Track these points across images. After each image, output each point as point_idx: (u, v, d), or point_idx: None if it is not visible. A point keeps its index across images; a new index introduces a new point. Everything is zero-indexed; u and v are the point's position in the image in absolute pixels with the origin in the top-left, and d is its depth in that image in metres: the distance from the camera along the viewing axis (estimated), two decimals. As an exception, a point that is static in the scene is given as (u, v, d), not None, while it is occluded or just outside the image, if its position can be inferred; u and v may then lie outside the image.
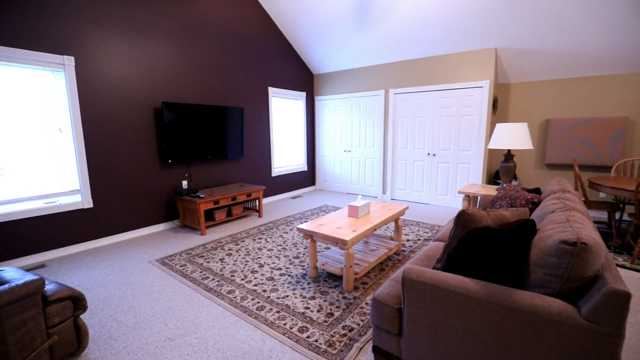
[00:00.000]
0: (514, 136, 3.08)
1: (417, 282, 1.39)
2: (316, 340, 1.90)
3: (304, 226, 2.62)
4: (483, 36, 4.29)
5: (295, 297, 2.39)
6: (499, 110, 5.21)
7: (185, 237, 3.82)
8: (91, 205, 3.47)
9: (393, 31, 4.73)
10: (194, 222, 3.96)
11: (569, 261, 1.13)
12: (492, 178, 5.33)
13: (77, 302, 1.76)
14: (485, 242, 1.33)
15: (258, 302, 2.33)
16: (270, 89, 5.51)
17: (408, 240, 3.61)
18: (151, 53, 3.84)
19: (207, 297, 2.43)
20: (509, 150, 3.28)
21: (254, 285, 2.59)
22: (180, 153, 4.05)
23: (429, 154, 5.21)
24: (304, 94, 6.25)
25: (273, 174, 5.73)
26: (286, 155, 6.12)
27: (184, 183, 4.33)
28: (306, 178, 6.59)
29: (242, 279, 2.69)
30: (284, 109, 5.97)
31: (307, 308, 2.24)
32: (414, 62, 5.13)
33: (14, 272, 1.80)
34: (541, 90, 4.80)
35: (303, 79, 6.23)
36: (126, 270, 2.92)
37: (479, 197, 3.16)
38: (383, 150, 5.69)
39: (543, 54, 4.29)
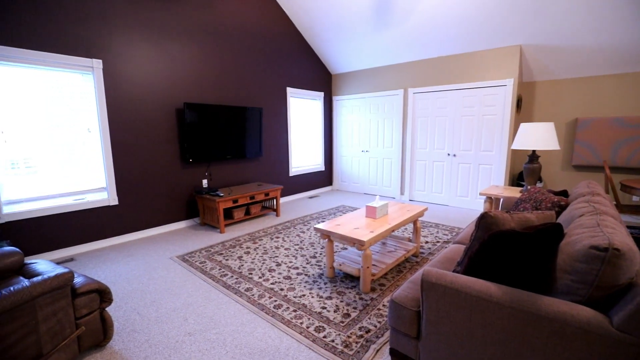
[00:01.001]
0: (540, 136, 2.96)
1: (437, 285, 1.37)
2: (332, 341, 1.90)
3: (321, 226, 2.62)
4: (507, 33, 4.16)
5: (312, 297, 2.40)
6: (523, 109, 5.03)
7: (205, 234, 3.90)
8: (116, 203, 3.60)
9: (413, 29, 4.66)
10: (214, 220, 4.05)
11: (600, 268, 1.07)
12: (516, 180, 5.16)
13: (103, 295, 1.83)
14: (509, 246, 1.28)
15: (275, 301, 2.35)
16: (289, 89, 5.55)
17: (427, 242, 3.55)
18: (174, 55, 3.95)
19: (225, 294, 2.48)
20: (533, 151, 3.17)
21: (271, 283, 2.62)
22: (200, 152, 4.14)
23: (449, 154, 5.10)
24: (322, 94, 6.26)
25: (290, 174, 5.77)
26: (304, 155, 6.14)
27: (204, 182, 4.43)
28: (323, 178, 6.60)
29: (260, 277, 2.73)
30: (302, 109, 6.00)
31: (324, 308, 2.25)
32: (434, 60, 5.04)
33: (46, 265, 1.90)
34: (568, 89, 4.61)
35: (321, 79, 6.24)
36: (149, 266, 3.02)
37: (502, 200, 3.07)
38: (401, 151, 5.62)
39: (571, 51, 4.11)
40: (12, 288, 1.44)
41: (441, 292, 1.36)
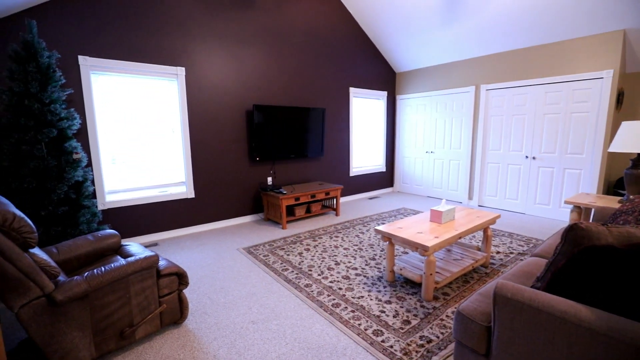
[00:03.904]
0: (648, 137, 2.50)
1: (513, 301, 1.24)
2: (391, 346, 1.85)
3: (382, 228, 2.57)
4: (605, 17, 3.59)
5: (371, 299, 2.36)
6: (625, 105, 4.31)
7: (269, 229, 4.11)
8: (193, 196, 3.98)
9: (487, 20, 4.29)
10: (276, 216, 4.23)
11: None
12: (612, 188, 4.44)
13: (181, 278, 2.04)
14: (605, 264, 1.11)
15: (333, 299, 2.37)
16: (352, 89, 5.54)
17: (498, 252, 3.25)
18: (244, 59, 4.23)
19: (286, 287, 2.57)
20: (639, 154, 2.69)
21: (330, 281, 2.65)
22: (266, 151, 4.37)
23: (527, 156, 4.60)
24: (385, 93, 6.13)
25: (351, 174, 5.77)
26: (365, 156, 6.09)
27: (269, 179, 4.66)
28: (384, 179, 6.46)
29: (319, 275, 2.77)
30: (364, 109, 5.95)
31: (383, 312, 2.20)
32: (512, 53, 4.58)
33: (137, 248, 2.18)
34: (691, 80, 3.81)
35: (385, 78, 6.11)
36: (219, 255, 3.28)
37: (593, 210, 2.67)
38: (471, 152, 5.23)
39: (696, 34, 3.39)
40: (112, 265, 1.69)
41: (517, 308, 1.23)
